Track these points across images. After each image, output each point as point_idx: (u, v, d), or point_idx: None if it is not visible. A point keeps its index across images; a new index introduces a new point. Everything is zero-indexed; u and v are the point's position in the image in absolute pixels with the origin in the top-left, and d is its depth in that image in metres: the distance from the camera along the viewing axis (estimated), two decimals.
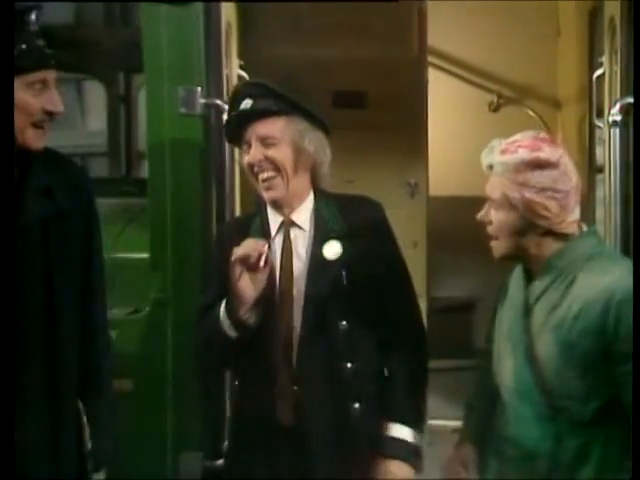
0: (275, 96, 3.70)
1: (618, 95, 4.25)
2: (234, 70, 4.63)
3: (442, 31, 6.66)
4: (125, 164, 7.12)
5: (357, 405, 3.78)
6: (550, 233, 3.28)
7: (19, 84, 3.14)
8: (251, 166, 3.67)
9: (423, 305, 6.16)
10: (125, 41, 6.40)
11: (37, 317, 3.29)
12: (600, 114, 4.53)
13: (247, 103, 3.66)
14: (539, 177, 3.23)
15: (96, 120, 10.78)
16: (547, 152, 3.26)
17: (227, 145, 4.27)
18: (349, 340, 3.77)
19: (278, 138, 3.68)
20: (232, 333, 3.61)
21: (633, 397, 3.16)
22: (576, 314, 3.17)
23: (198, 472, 4.25)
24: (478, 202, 6.52)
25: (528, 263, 3.34)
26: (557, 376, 3.22)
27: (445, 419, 5.79)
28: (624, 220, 4.23)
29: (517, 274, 3.45)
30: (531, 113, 7.01)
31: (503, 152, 3.31)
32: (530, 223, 3.25)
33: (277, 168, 3.69)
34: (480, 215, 3.38)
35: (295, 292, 3.71)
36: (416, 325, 3.92)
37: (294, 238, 3.74)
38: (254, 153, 3.67)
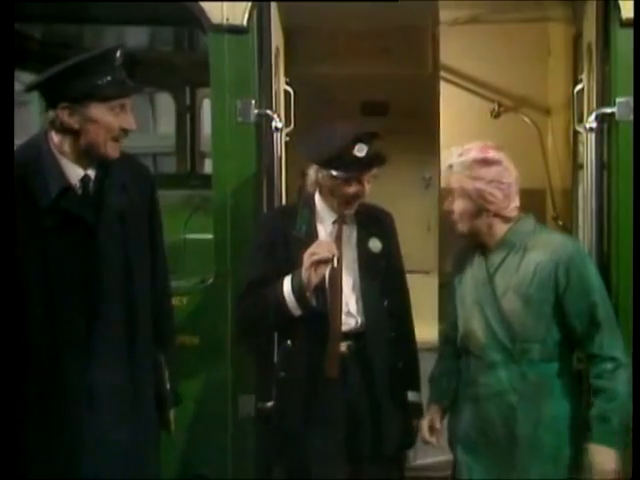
0: (376, 142, 3.82)
1: (594, 106, 4.28)
2: (281, 86, 4.66)
3: (452, 52, 6.60)
4: (190, 162, 7.18)
5: (394, 364, 3.98)
6: (498, 216, 3.53)
7: (103, 108, 3.28)
8: (356, 197, 3.83)
9: (435, 279, 6.28)
10: (191, 61, 6.48)
11: (118, 288, 3.41)
12: (580, 121, 4.52)
13: (362, 148, 3.74)
14: (487, 172, 3.50)
15: (165, 126, 10.71)
16: (492, 153, 3.56)
17: (275, 147, 4.33)
18: (389, 314, 3.97)
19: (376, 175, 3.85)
20: (297, 312, 3.73)
21: (633, 397, 3.42)
22: (532, 273, 3.47)
23: (252, 411, 4.31)
24: None
25: (482, 241, 3.58)
26: (521, 325, 3.47)
27: None
28: (599, 209, 4.28)
29: (467, 254, 3.68)
30: (526, 119, 6.97)
31: (460, 155, 3.56)
32: (482, 208, 3.51)
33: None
34: (444, 206, 3.61)
35: (345, 275, 3.85)
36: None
37: (345, 233, 3.89)
38: (366, 190, 3.84)
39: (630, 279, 3.99)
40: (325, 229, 3.90)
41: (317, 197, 3.93)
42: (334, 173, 3.78)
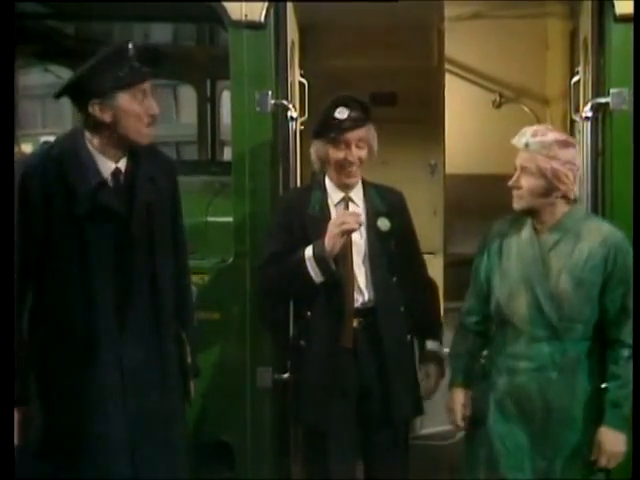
0: (362, 107, 3.84)
1: (590, 97, 4.27)
2: (296, 78, 4.65)
3: (456, 46, 6.58)
4: (210, 150, 7.18)
5: (407, 336, 4.00)
6: (563, 197, 3.49)
7: (128, 97, 3.34)
8: (346, 161, 3.82)
9: (440, 260, 6.26)
10: (212, 55, 6.49)
11: (145, 272, 3.47)
12: (577, 111, 4.50)
13: (344, 111, 3.78)
14: (565, 153, 3.43)
15: (187, 116, 10.75)
16: (568, 137, 3.55)
17: (290, 135, 4.35)
18: (399, 290, 3.97)
19: (365, 141, 3.83)
20: (318, 278, 3.77)
21: (633, 396, 3.41)
22: (586, 257, 3.46)
23: (269, 382, 4.33)
24: (486, 178, 6.62)
25: (540, 219, 3.53)
26: (570, 305, 3.44)
27: None
28: (594, 193, 4.27)
29: (508, 232, 3.62)
30: (526, 109, 6.95)
31: (535, 134, 3.47)
32: (553, 188, 3.44)
33: (361, 164, 3.83)
34: (512, 182, 3.51)
35: (355, 253, 3.87)
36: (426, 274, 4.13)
37: (350, 210, 3.91)
38: (353, 153, 3.81)
39: None
40: (335, 207, 3.93)
41: (327, 178, 3.96)
42: (320, 140, 3.85)
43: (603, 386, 3.48)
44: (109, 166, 3.41)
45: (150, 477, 3.44)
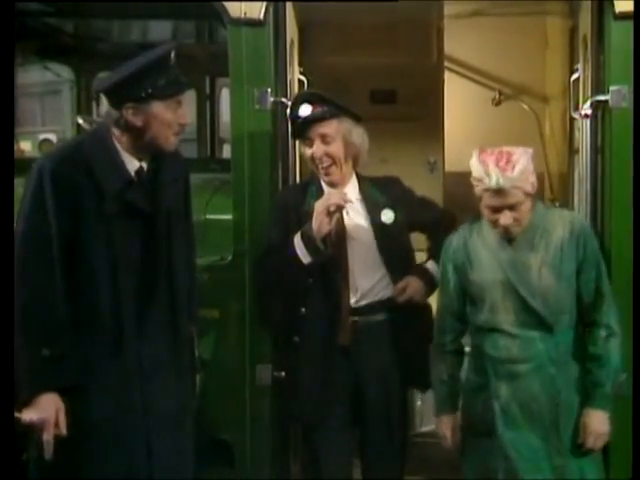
0: (327, 102, 3.83)
1: (589, 94, 4.26)
2: (296, 75, 4.65)
3: (456, 43, 6.62)
4: (210, 147, 7.20)
5: (403, 335, 3.95)
6: (533, 199, 3.49)
7: (163, 106, 3.37)
8: (313, 159, 3.84)
9: None
10: (211, 53, 6.48)
11: (164, 270, 3.52)
12: (576, 108, 4.49)
13: (307, 108, 3.79)
14: (530, 164, 3.42)
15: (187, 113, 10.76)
16: (518, 148, 3.45)
17: (289, 133, 4.28)
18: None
19: (333, 136, 3.81)
20: (306, 259, 3.76)
21: (633, 396, 3.48)
22: (560, 249, 3.49)
23: (269, 380, 4.31)
24: None
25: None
26: (555, 298, 3.46)
27: None
28: (594, 191, 4.23)
29: (471, 243, 3.60)
30: (525, 107, 6.96)
31: (502, 170, 3.36)
32: (533, 196, 3.47)
33: (333, 159, 3.82)
34: (505, 221, 3.42)
35: (349, 247, 3.87)
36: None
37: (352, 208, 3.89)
38: (316, 149, 3.81)
39: (623, 257, 4.01)
40: None
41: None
42: (294, 138, 3.95)
43: (585, 366, 3.53)
44: (133, 164, 3.45)
45: (165, 469, 3.50)
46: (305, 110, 3.82)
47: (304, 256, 3.76)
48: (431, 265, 3.97)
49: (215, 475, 4.29)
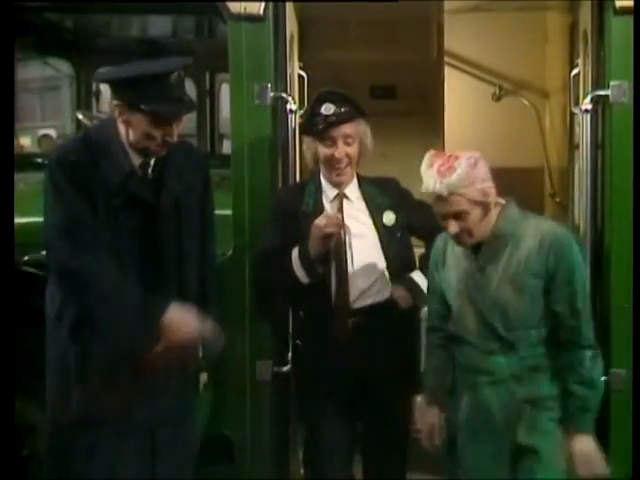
0: (350, 102, 3.79)
1: (589, 89, 4.26)
2: (295, 70, 4.66)
3: (456, 39, 6.59)
4: (210, 143, 7.17)
5: (402, 336, 3.94)
6: (493, 207, 3.28)
7: (152, 122, 3.31)
8: (331, 159, 3.79)
9: None
10: (211, 48, 6.45)
11: (172, 264, 3.53)
12: (577, 103, 4.49)
13: (329, 107, 3.74)
14: (477, 171, 3.18)
15: None
16: (466, 153, 3.21)
17: (289, 128, 4.33)
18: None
19: (354, 137, 3.78)
20: (304, 280, 3.74)
21: (633, 396, 3.40)
22: (525, 261, 3.24)
23: (269, 376, 4.32)
24: None
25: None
26: (516, 313, 3.25)
27: None
28: (594, 186, 4.24)
29: (445, 248, 3.45)
30: (525, 102, 6.95)
31: (441, 175, 3.17)
32: (487, 204, 3.22)
33: (350, 160, 3.79)
34: (452, 230, 3.23)
35: (348, 246, 3.83)
36: None
37: (345, 207, 3.87)
38: (340, 150, 3.76)
39: (623, 252, 4.02)
40: (329, 204, 3.90)
41: (321, 174, 3.94)
42: (309, 136, 3.84)
43: (569, 390, 3.27)
44: (138, 157, 3.44)
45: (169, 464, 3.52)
46: (328, 109, 3.76)
47: (302, 277, 3.75)
48: (417, 275, 3.94)
49: (215, 470, 4.29)
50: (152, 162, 3.48)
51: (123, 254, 3.40)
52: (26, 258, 4.13)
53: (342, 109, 3.77)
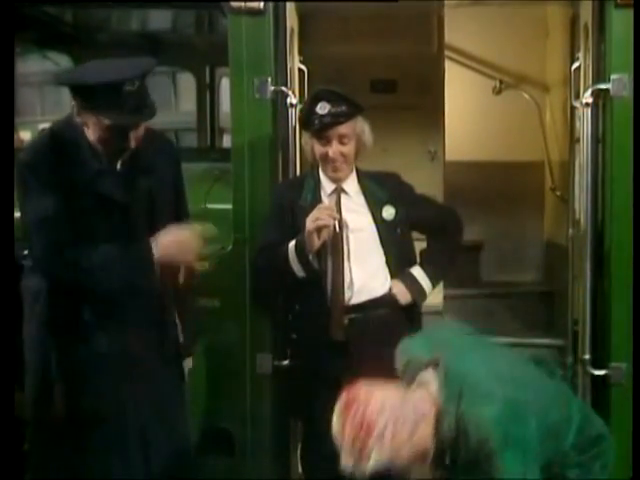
0: (346, 101, 3.78)
1: (590, 83, 4.25)
2: (296, 64, 4.64)
3: (456, 32, 6.62)
4: (210, 137, 7.16)
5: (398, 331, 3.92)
6: None
7: (105, 128, 3.26)
8: (328, 157, 3.80)
9: None
10: (211, 42, 6.47)
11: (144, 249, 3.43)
12: (577, 97, 4.48)
13: (324, 106, 3.74)
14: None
15: (186, 103, 10.72)
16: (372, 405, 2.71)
17: (290, 122, 4.32)
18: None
19: (350, 136, 3.78)
20: (300, 273, 3.75)
21: (633, 396, 3.40)
22: None
23: (269, 369, 4.33)
24: (485, 165, 6.61)
25: None
26: None
27: None
28: (594, 180, 4.24)
29: None
30: (526, 96, 6.97)
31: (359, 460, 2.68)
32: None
33: (345, 158, 3.80)
34: None
35: (346, 241, 3.83)
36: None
37: (343, 201, 3.89)
38: (334, 149, 3.78)
39: (623, 245, 4.02)
40: (327, 198, 3.91)
41: (320, 168, 3.95)
42: (306, 132, 3.86)
43: None
44: (105, 154, 3.37)
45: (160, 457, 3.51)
46: (323, 108, 3.76)
47: (298, 271, 3.77)
48: (416, 271, 3.95)
49: (215, 463, 4.30)
50: (120, 158, 3.40)
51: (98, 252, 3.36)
52: (26, 252, 4.13)
53: (338, 108, 3.77)
